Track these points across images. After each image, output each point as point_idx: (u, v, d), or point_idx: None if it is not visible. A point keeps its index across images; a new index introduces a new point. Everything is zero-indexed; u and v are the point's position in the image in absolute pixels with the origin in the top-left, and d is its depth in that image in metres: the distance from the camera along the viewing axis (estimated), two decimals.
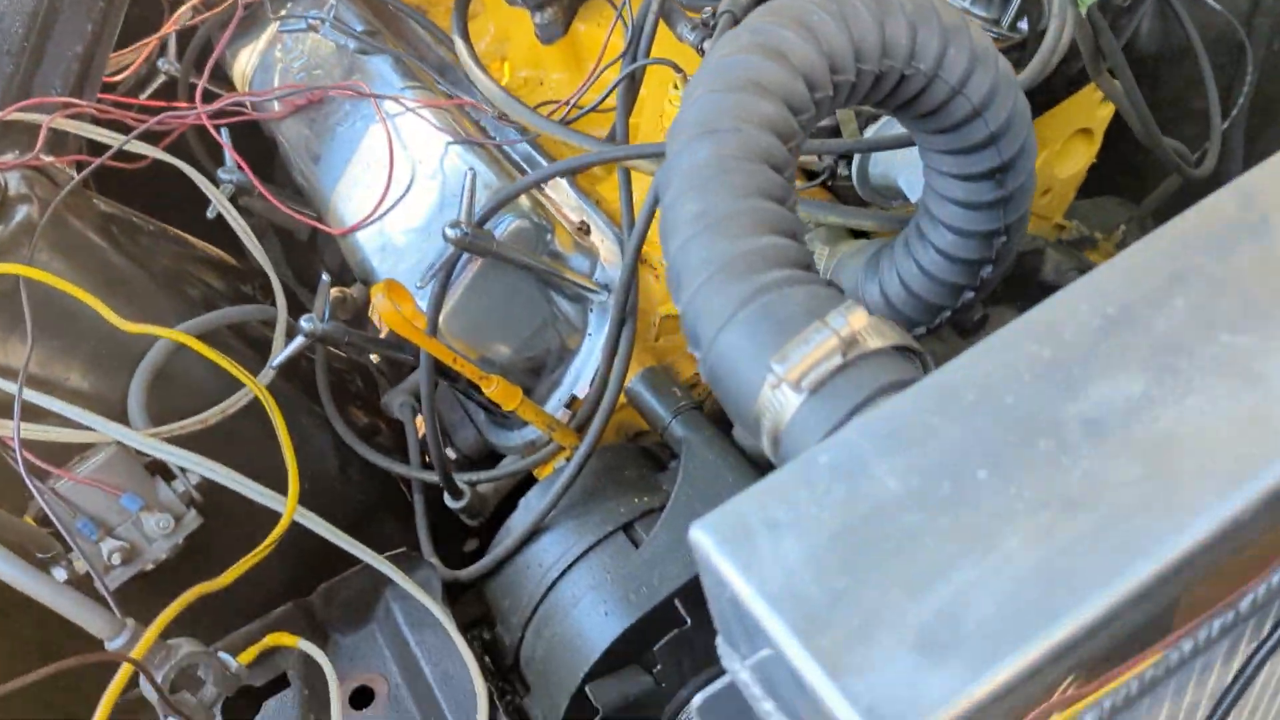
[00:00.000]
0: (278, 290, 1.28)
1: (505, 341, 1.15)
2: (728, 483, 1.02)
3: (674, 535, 1.00)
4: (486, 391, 1.06)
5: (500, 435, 1.23)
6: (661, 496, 1.06)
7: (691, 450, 1.05)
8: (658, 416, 1.09)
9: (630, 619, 0.95)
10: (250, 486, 1.04)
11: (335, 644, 1.07)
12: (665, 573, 0.98)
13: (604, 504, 1.06)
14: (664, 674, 0.97)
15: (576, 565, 1.02)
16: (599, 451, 1.11)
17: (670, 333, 1.20)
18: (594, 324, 1.17)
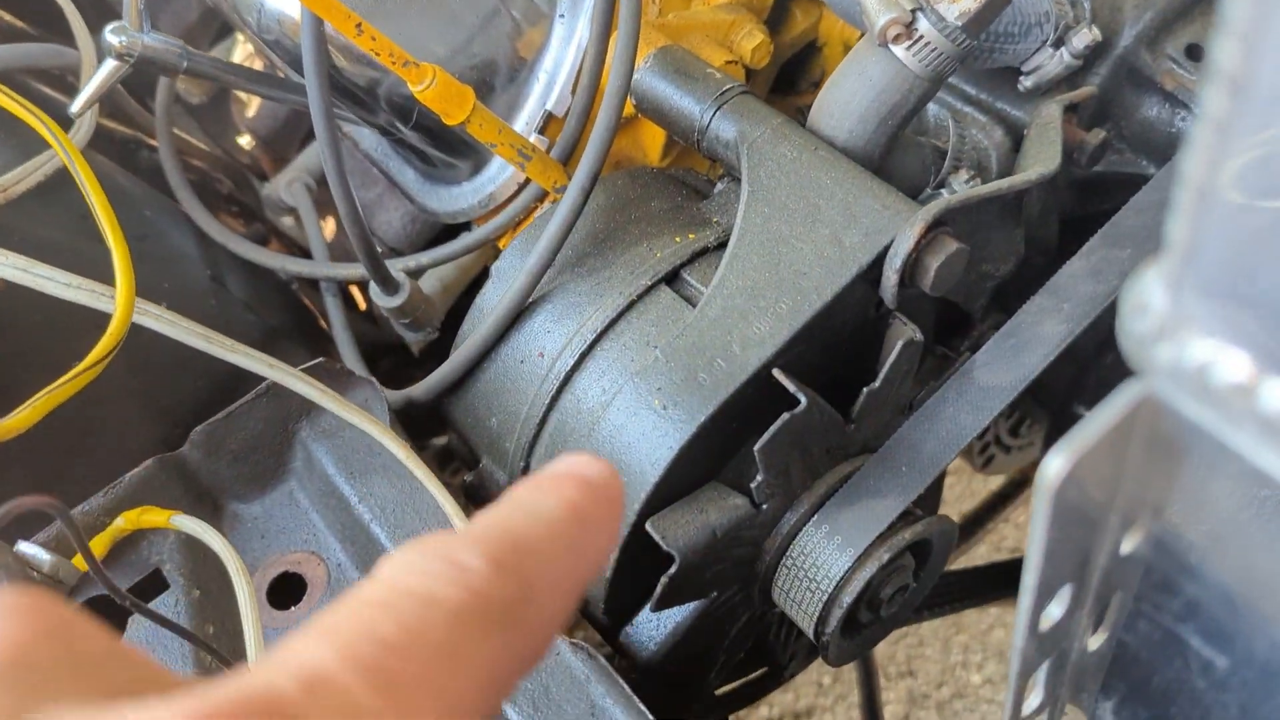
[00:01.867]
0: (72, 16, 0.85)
1: (436, 38, 0.74)
2: (823, 187, 0.64)
3: (751, 276, 0.62)
4: (417, 89, 0.66)
5: (442, 195, 0.84)
6: (716, 231, 0.68)
7: (757, 150, 0.67)
8: (689, 114, 0.70)
9: (705, 411, 0.59)
10: (61, 278, 0.64)
11: (234, 516, 0.69)
12: (750, 334, 0.61)
13: (628, 250, 0.67)
14: (767, 488, 0.61)
15: (601, 344, 0.64)
16: (602, 182, 0.72)
17: (679, 6, 0.81)
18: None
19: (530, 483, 0.30)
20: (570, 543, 0.28)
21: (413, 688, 0.23)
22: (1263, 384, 0.23)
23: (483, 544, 0.26)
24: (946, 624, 1.85)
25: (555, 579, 0.27)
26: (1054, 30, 0.71)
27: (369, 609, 0.24)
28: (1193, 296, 0.22)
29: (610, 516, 0.30)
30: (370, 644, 0.23)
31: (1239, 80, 0.17)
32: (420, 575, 0.25)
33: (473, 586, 0.25)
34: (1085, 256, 0.67)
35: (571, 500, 0.29)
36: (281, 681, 0.21)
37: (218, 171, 1.07)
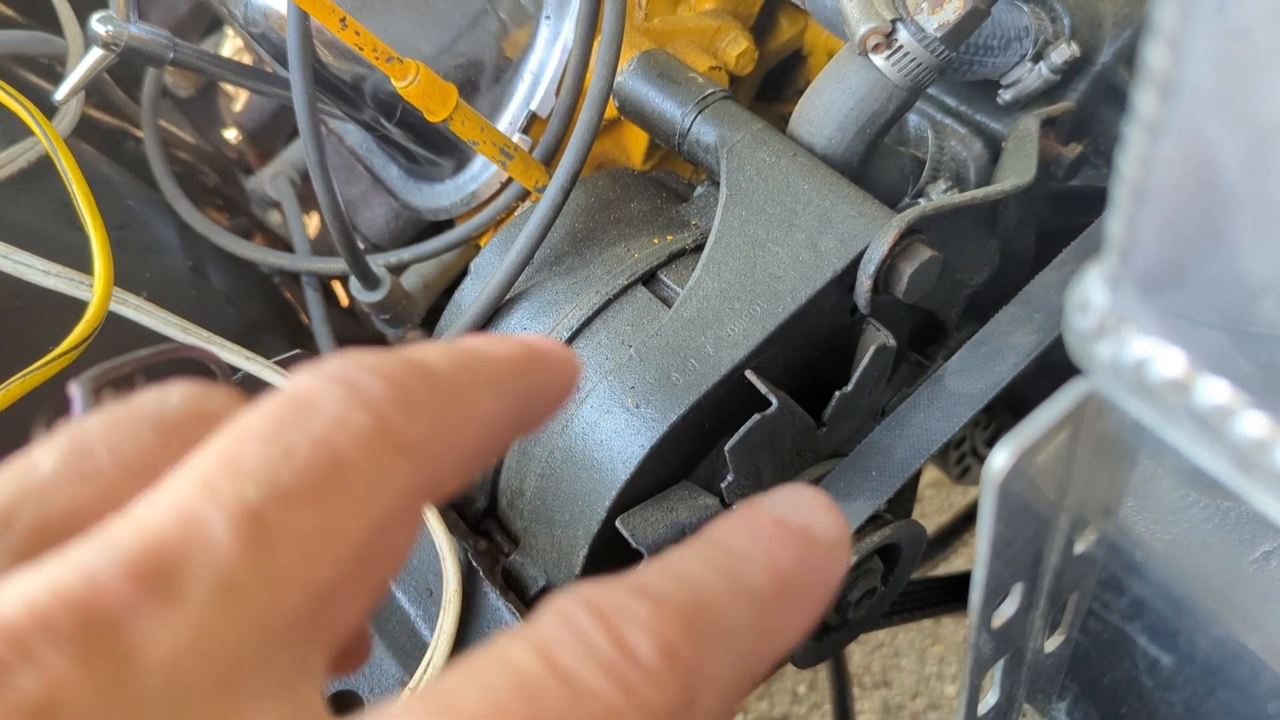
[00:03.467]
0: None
1: (422, 36, 0.75)
2: (800, 193, 0.65)
3: (727, 279, 0.63)
4: (400, 85, 0.66)
5: (425, 192, 0.84)
6: (694, 233, 0.69)
7: (736, 155, 0.67)
8: (670, 118, 0.71)
9: (677, 411, 0.59)
10: (40, 265, 0.64)
11: None
12: (723, 335, 0.61)
13: (606, 251, 0.68)
14: (737, 489, 0.62)
15: (576, 342, 0.65)
16: (583, 183, 0.73)
17: (665, 11, 0.82)
18: (553, 0, 0.78)
19: (742, 525, 0.24)
20: (765, 630, 0.23)
21: None
22: (1197, 380, 0.23)
23: (660, 619, 0.21)
24: (923, 635, 1.85)
25: (729, 679, 0.22)
26: (1033, 45, 0.72)
27: (508, 688, 0.20)
28: (1131, 294, 0.23)
29: (821, 595, 0.24)
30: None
31: (1167, 82, 0.18)
32: (578, 653, 0.20)
33: (633, 688, 0.20)
34: (1058, 268, 0.68)
35: (783, 569, 0.23)
36: None
37: (204, 164, 1.08)
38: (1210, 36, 0.17)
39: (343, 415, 0.22)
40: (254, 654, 0.20)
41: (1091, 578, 0.39)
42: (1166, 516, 0.40)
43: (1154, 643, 0.35)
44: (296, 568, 0.20)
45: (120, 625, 0.19)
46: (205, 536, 0.20)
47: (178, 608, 0.19)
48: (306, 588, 0.20)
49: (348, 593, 0.22)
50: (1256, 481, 0.23)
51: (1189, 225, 0.21)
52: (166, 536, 0.20)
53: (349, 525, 0.21)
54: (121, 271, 0.66)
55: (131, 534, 0.20)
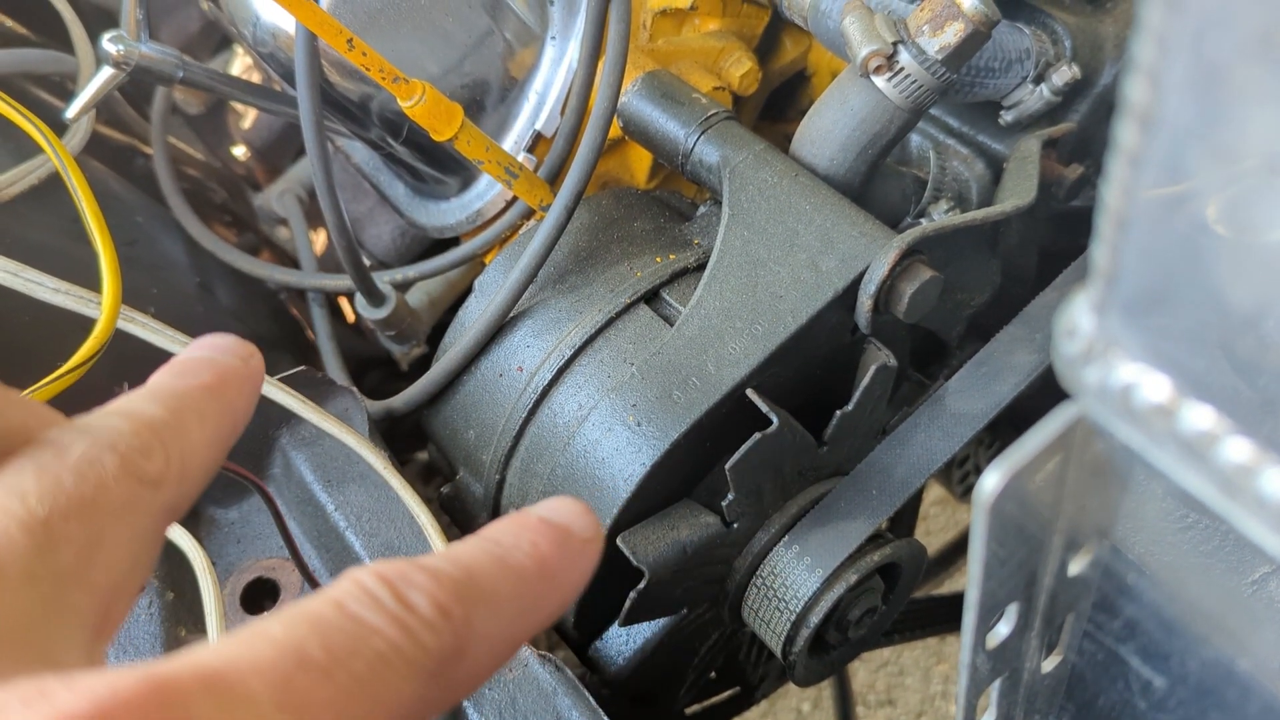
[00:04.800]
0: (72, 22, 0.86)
1: (429, 56, 0.76)
2: (802, 213, 0.65)
3: (729, 298, 0.63)
4: (406, 104, 0.67)
5: (431, 210, 0.85)
6: (696, 253, 0.69)
7: (738, 175, 0.68)
8: (673, 138, 0.71)
9: (678, 429, 0.60)
10: (49, 283, 0.65)
11: (210, 521, 0.70)
12: (725, 354, 0.62)
13: (609, 269, 0.69)
14: (738, 507, 0.62)
15: (579, 360, 0.65)
16: (587, 202, 0.73)
17: (669, 32, 0.82)
18: (558, 21, 0.78)
19: (511, 523, 0.30)
20: (527, 602, 0.28)
21: (317, 712, 0.23)
22: (1182, 406, 0.24)
23: (437, 585, 0.26)
24: (928, 654, 1.85)
25: (497, 637, 0.28)
26: (1035, 67, 0.72)
27: (305, 624, 0.25)
28: (1117, 321, 0.23)
29: (576, 578, 0.30)
30: (292, 659, 0.23)
31: (1148, 116, 0.18)
32: (366, 603, 0.26)
33: (411, 630, 0.25)
34: (1058, 288, 0.68)
35: (543, 555, 0.29)
36: (186, 677, 0.22)
37: (212, 181, 1.09)
38: (1188, 71, 0.18)
39: (97, 456, 0.28)
40: (57, 631, 0.25)
41: (1087, 599, 0.40)
42: (1165, 538, 0.40)
43: (1147, 664, 0.35)
44: (80, 567, 0.26)
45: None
46: (6, 538, 0.25)
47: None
48: (89, 586, 0.26)
49: (119, 597, 0.28)
50: (1241, 506, 0.23)
51: (1170, 255, 0.22)
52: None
53: (114, 536, 0.27)
54: (129, 288, 0.67)
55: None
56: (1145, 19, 0.18)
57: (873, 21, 0.65)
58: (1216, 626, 0.33)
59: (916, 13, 0.65)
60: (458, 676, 0.26)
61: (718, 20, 0.83)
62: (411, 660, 0.25)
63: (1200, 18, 0.17)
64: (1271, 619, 0.35)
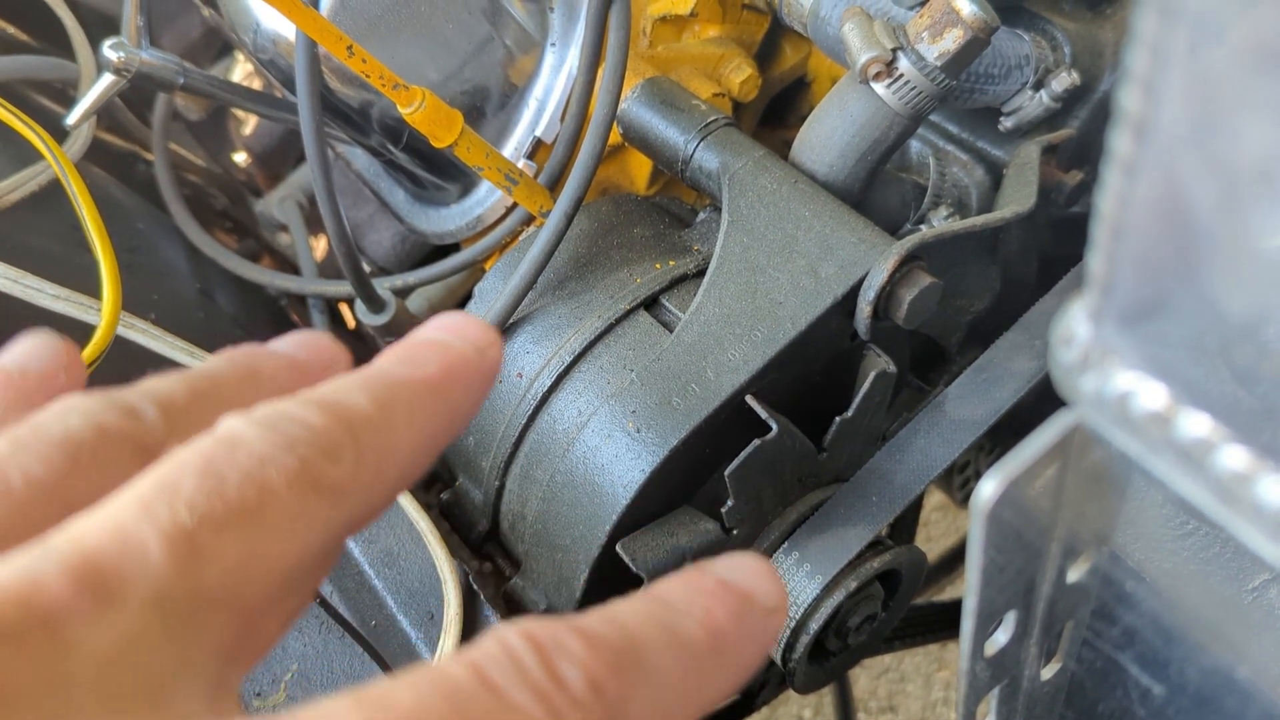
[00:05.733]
0: (73, 29, 0.86)
1: (429, 63, 0.76)
2: (801, 219, 0.65)
3: (728, 304, 0.63)
4: (406, 111, 0.67)
5: (431, 217, 0.85)
6: (695, 259, 0.69)
7: (738, 181, 0.68)
8: (673, 145, 0.71)
9: (677, 435, 0.60)
10: (49, 290, 0.65)
11: None
12: (724, 360, 0.62)
13: (608, 275, 0.69)
14: (738, 514, 0.62)
15: (579, 366, 0.65)
16: (586, 208, 0.73)
17: (669, 38, 0.83)
18: (558, 27, 0.79)
19: (685, 583, 0.26)
20: (692, 681, 0.24)
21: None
22: (1178, 414, 0.24)
23: (593, 656, 0.23)
24: (929, 660, 1.85)
25: (654, 714, 0.24)
26: (1034, 73, 0.72)
27: (438, 694, 0.21)
28: (1113, 329, 0.23)
29: (753, 655, 0.26)
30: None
31: (1142, 124, 0.18)
32: (510, 673, 0.22)
33: (559, 711, 0.22)
34: (1058, 294, 0.68)
35: (718, 626, 0.25)
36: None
37: (213, 187, 1.09)
38: (1182, 81, 0.18)
39: (271, 455, 0.24)
40: (180, 662, 0.21)
41: (1086, 606, 0.40)
42: (1165, 545, 0.40)
43: (1145, 672, 0.35)
44: (224, 588, 0.22)
45: (60, 622, 0.20)
46: (142, 551, 0.21)
47: (114, 612, 0.21)
48: (231, 607, 0.22)
49: (269, 616, 0.24)
50: (1238, 514, 0.23)
51: (1166, 263, 0.22)
52: (105, 548, 0.21)
53: (273, 554, 0.23)
54: (130, 294, 0.67)
55: (71, 544, 0.21)
56: (1139, 28, 0.18)
57: (872, 28, 0.65)
58: (1215, 634, 0.33)
59: (916, 19, 0.65)
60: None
61: (717, 27, 0.83)
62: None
63: (1194, 27, 0.17)
64: (1270, 626, 0.35)
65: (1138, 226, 0.20)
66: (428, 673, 0.22)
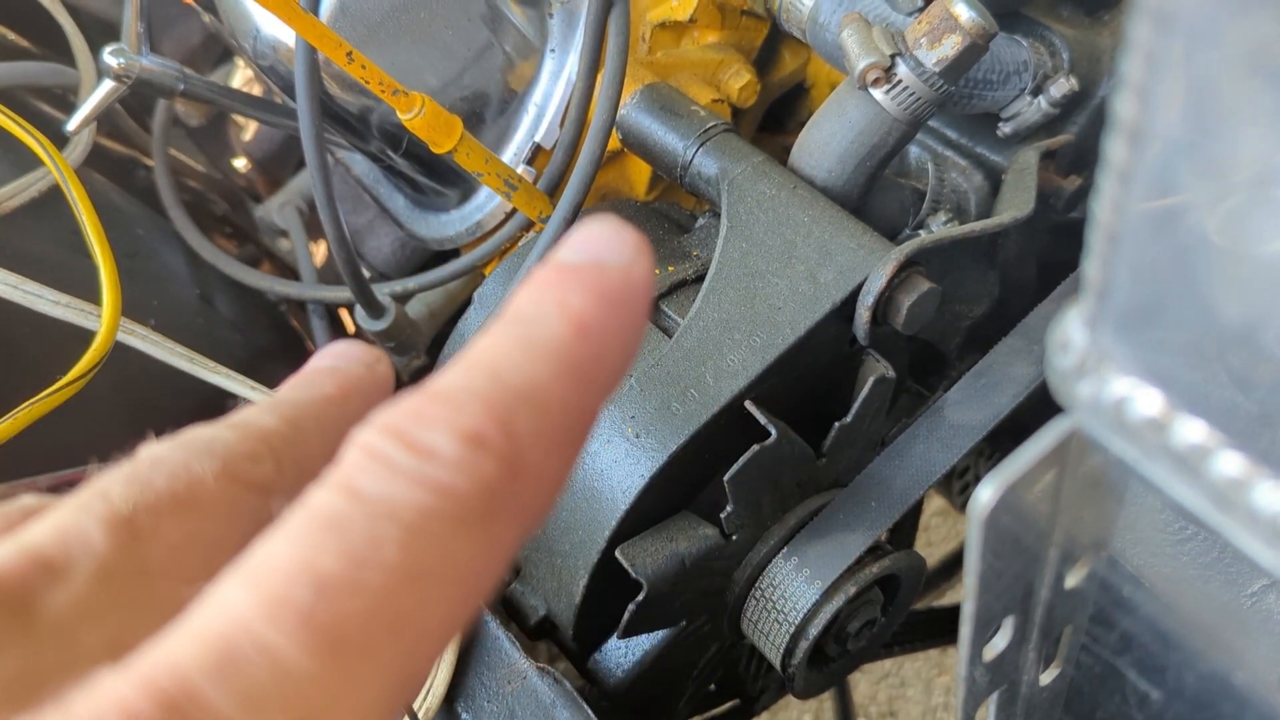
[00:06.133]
0: (73, 34, 0.86)
1: (429, 69, 0.76)
2: (800, 225, 0.66)
3: (727, 309, 0.63)
4: (405, 117, 0.67)
5: (431, 222, 0.85)
6: (695, 264, 0.69)
7: (737, 187, 0.68)
8: (672, 150, 0.71)
9: (677, 441, 0.60)
10: (49, 295, 0.65)
11: None
12: (723, 365, 0.62)
13: None
14: (737, 519, 0.62)
15: None
16: (586, 214, 0.73)
17: (668, 44, 0.83)
18: (557, 33, 0.79)
19: (530, 287, 0.23)
20: (578, 376, 0.22)
21: (358, 636, 0.19)
22: (1174, 420, 0.24)
23: (457, 408, 0.21)
24: (929, 665, 1.85)
25: (553, 433, 0.22)
26: (1032, 79, 0.73)
27: (310, 532, 0.20)
28: (1109, 335, 0.24)
29: (631, 322, 0.23)
30: (305, 584, 0.19)
31: (1137, 131, 0.19)
32: (378, 473, 0.21)
33: (440, 482, 0.20)
34: (1056, 300, 0.68)
35: (578, 314, 0.22)
36: (187, 657, 0.19)
37: (213, 193, 1.09)
38: (1177, 88, 0.18)
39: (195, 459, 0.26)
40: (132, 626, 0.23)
41: (1085, 612, 0.40)
42: (1162, 550, 0.40)
43: (1143, 677, 0.35)
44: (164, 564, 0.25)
45: (15, 591, 0.23)
46: (85, 535, 0.24)
47: (64, 582, 0.23)
48: (176, 581, 0.25)
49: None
50: (1234, 520, 0.23)
51: (1161, 269, 0.22)
52: (55, 537, 0.24)
53: (210, 533, 0.25)
54: (130, 299, 0.67)
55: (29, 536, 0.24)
56: (1134, 36, 0.18)
57: (870, 34, 0.65)
58: (1213, 639, 0.33)
59: (914, 26, 0.65)
60: (522, 500, 0.21)
61: (717, 33, 0.83)
62: (453, 517, 0.20)
63: (1188, 35, 0.17)
64: (1268, 632, 0.35)
65: (1133, 233, 0.20)
66: (297, 515, 0.21)
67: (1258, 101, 0.18)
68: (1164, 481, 0.25)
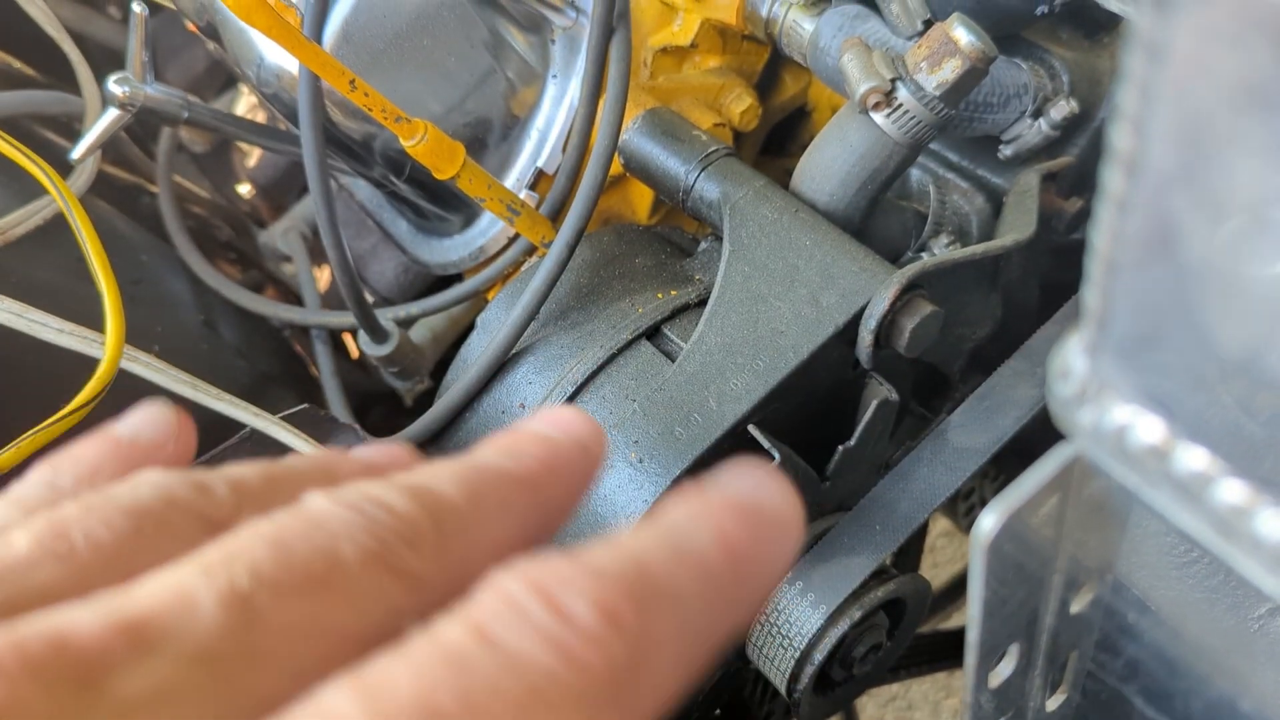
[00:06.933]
0: (76, 61, 0.87)
1: (432, 95, 0.76)
2: (802, 249, 0.66)
3: (730, 333, 0.64)
4: (408, 144, 0.68)
5: (434, 247, 0.85)
6: (697, 288, 0.70)
7: (739, 211, 0.68)
8: (674, 175, 0.72)
9: (680, 465, 0.60)
10: (53, 324, 0.65)
11: None
12: (726, 389, 0.62)
13: (610, 305, 0.69)
14: None
15: (581, 397, 0.65)
16: (588, 238, 0.74)
17: (670, 69, 0.83)
18: (559, 59, 0.79)
19: (688, 506, 0.24)
20: (715, 595, 0.23)
21: None
22: (1176, 447, 0.24)
23: (601, 581, 0.21)
24: (936, 688, 1.83)
25: (682, 639, 0.22)
26: (1033, 101, 0.73)
27: (438, 667, 0.20)
28: (1110, 363, 0.24)
29: (775, 564, 0.24)
30: (418, 717, 0.19)
31: (1133, 161, 0.19)
32: (513, 624, 0.20)
33: (572, 652, 0.20)
34: (1059, 322, 0.68)
35: (731, 539, 0.23)
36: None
37: (217, 219, 1.09)
38: (1171, 120, 0.18)
39: (347, 534, 0.22)
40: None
41: (1090, 638, 0.39)
42: (1168, 574, 0.40)
43: (1150, 705, 0.35)
44: (275, 653, 0.21)
45: (90, 663, 0.20)
46: (193, 609, 0.21)
47: (150, 660, 0.20)
48: (281, 674, 0.21)
49: None
50: (1237, 547, 0.23)
51: (1160, 298, 0.22)
52: (156, 605, 0.21)
53: (333, 627, 0.22)
54: (134, 326, 0.67)
55: (124, 600, 0.21)
56: (1128, 68, 0.18)
57: (870, 58, 0.66)
58: (1220, 666, 0.33)
59: (914, 50, 0.65)
60: (638, 696, 0.21)
61: (718, 57, 0.84)
62: (576, 690, 0.20)
63: (1182, 68, 0.17)
64: (1275, 658, 0.35)
65: (1131, 262, 0.20)
66: (424, 644, 0.20)
67: (1251, 133, 0.18)
68: (1166, 508, 0.25)
